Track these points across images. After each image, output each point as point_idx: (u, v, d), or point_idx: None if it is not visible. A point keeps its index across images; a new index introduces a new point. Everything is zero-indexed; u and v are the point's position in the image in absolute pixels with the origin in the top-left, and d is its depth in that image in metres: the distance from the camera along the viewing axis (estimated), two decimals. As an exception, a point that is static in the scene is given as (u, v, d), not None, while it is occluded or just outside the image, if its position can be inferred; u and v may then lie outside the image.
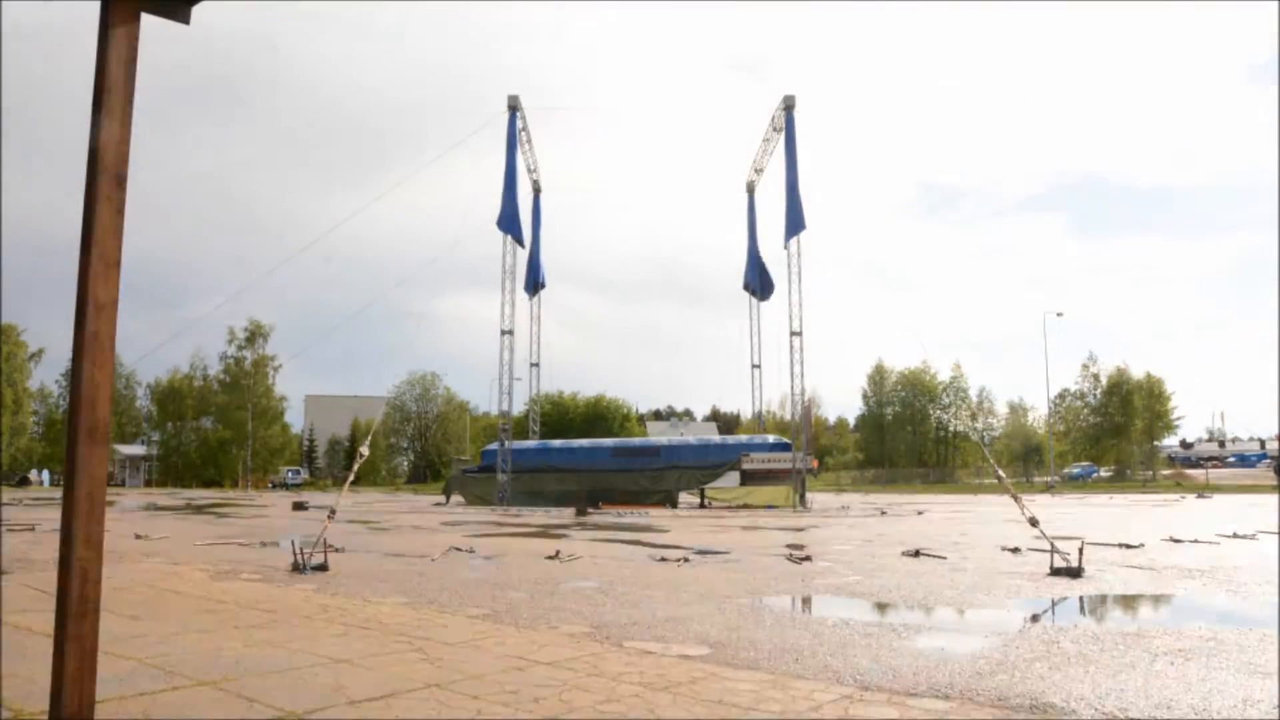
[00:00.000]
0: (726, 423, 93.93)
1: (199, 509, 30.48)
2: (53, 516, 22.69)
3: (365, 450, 13.79)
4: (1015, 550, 13.61)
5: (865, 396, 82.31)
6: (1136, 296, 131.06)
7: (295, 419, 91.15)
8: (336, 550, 13.00)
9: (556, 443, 39.09)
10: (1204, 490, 50.40)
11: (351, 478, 14.26)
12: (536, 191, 40.42)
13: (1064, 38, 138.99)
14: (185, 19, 3.62)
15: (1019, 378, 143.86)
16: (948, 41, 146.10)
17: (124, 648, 5.88)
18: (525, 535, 17.49)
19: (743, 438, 40.59)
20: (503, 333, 32.51)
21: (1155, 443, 72.88)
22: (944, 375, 78.93)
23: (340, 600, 8.30)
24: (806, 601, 8.75)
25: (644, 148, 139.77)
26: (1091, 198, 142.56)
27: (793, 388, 31.56)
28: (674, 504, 32.31)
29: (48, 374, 78.27)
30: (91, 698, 3.18)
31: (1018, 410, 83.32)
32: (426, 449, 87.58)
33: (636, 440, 43.11)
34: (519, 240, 33.53)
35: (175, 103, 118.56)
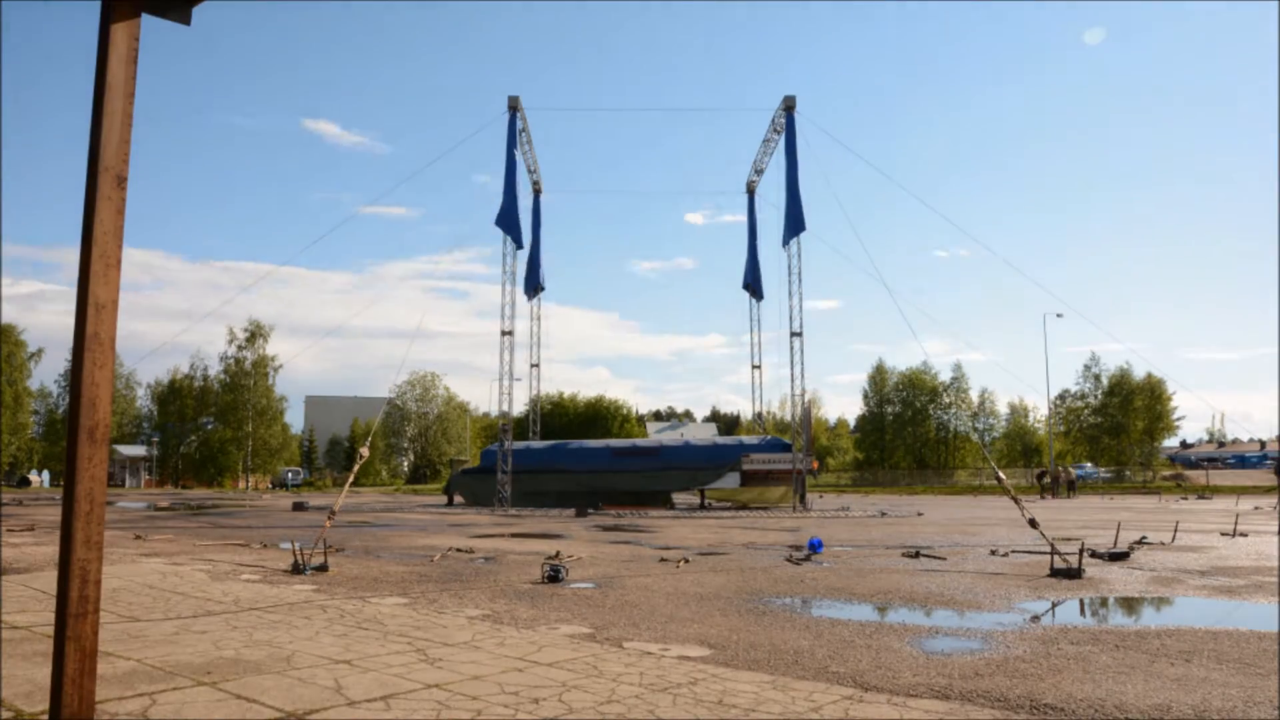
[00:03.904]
0: (726, 423, 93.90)
1: (199, 509, 30.46)
2: (53, 516, 22.69)
3: (365, 451, 13.78)
4: (1015, 551, 13.62)
5: (865, 396, 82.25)
6: (1137, 295, 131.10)
7: (295, 419, 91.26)
8: (336, 551, 13.00)
9: (557, 443, 39.06)
10: (1204, 491, 50.39)
11: (351, 478, 14.24)
12: (537, 192, 40.42)
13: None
14: (185, 19, 3.62)
15: (1019, 377, 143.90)
16: (947, 43, 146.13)
17: (124, 648, 5.88)
18: (525, 536, 17.49)
19: (743, 438, 40.55)
20: (503, 333, 32.49)
21: (1156, 444, 72.84)
22: (944, 375, 78.91)
23: (340, 601, 8.29)
24: (806, 602, 8.74)
25: (647, 146, 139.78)
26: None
27: (793, 388, 31.53)
28: (673, 504, 32.32)
29: (48, 374, 78.28)
30: (91, 698, 3.18)
31: (1018, 410, 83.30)
32: (426, 449, 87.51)
33: (637, 441, 43.03)
34: (517, 240, 33.48)
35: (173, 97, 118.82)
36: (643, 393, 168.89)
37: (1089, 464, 70.63)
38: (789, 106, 32.06)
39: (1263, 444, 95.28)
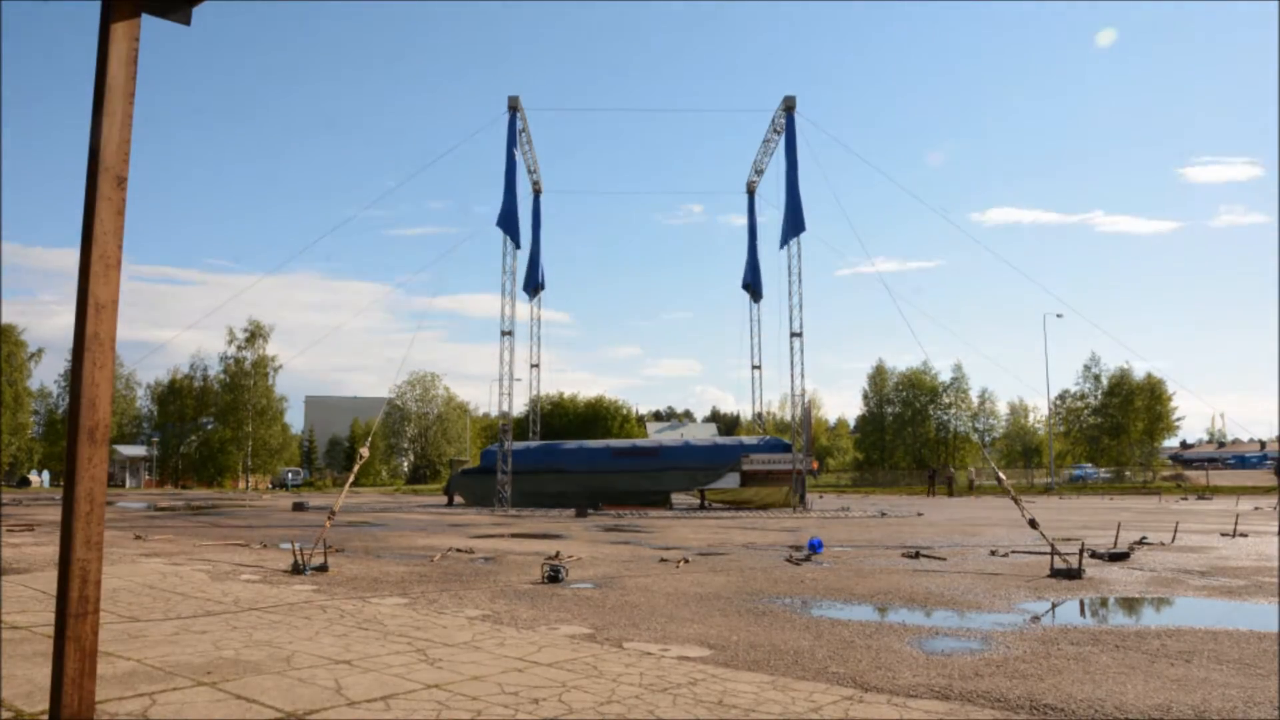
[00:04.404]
0: (726, 423, 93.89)
1: (199, 509, 30.46)
2: (53, 516, 22.68)
3: (365, 451, 13.79)
4: (1015, 551, 13.62)
5: (865, 397, 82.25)
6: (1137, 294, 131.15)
7: (295, 419, 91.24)
8: (336, 551, 13.00)
9: (557, 444, 39.06)
10: (1204, 492, 50.40)
11: (351, 479, 14.24)
12: (537, 192, 40.45)
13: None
14: (185, 19, 3.62)
15: (1019, 376, 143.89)
16: (945, 39, 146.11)
17: (124, 648, 5.88)
18: (525, 536, 17.49)
19: (743, 438, 40.55)
20: (503, 333, 32.49)
21: (1156, 444, 72.83)
22: (944, 375, 78.88)
23: (340, 601, 8.29)
24: (806, 603, 8.74)
25: (645, 147, 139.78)
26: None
27: (793, 388, 31.52)
28: (671, 505, 32.32)
29: (48, 374, 78.25)
30: (91, 698, 3.18)
31: (1018, 411, 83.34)
32: (426, 449, 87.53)
33: (636, 441, 43.02)
34: (517, 241, 33.53)
35: (175, 99, 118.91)
36: (639, 394, 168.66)
37: (1089, 464, 70.61)
38: (789, 107, 32.08)
39: (1263, 444, 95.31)
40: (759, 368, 39.60)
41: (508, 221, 32.65)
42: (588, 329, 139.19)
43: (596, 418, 73.97)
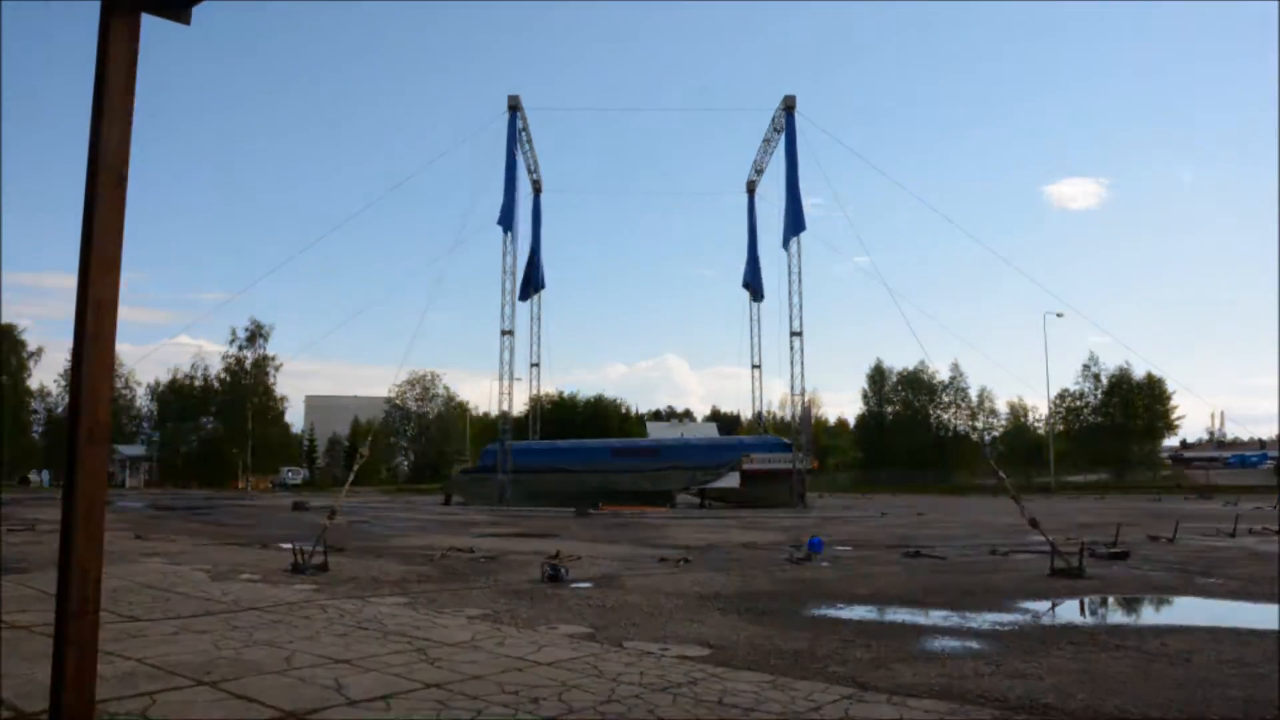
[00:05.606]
0: (726, 423, 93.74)
1: (199, 509, 30.46)
2: (53, 516, 22.69)
3: (365, 451, 13.84)
4: (1015, 551, 13.62)
5: (865, 396, 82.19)
6: (1137, 294, 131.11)
7: (295, 419, 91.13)
8: (337, 551, 13.00)
9: (557, 443, 39.11)
10: (1204, 491, 50.41)
11: (351, 478, 14.26)
12: (536, 191, 40.47)
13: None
14: (185, 19, 3.62)
15: (1019, 375, 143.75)
16: (948, 41, 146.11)
17: (124, 648, 5.88)
18: (525, 535, 17.49)
19: (743, 438, 40.62)
20: (503, 333, 32.52)
21: (1156, 443, 72.80)
22: (944, 375, 78.75)
23: (340, 601, 8.29)
24: (806, 602, 8.74)
25: (645, 147, 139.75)
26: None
27: (793, 388, 31.60)
28: (673, 504, 32.33)
29: (48, 374, 78.12)
30: (91, 698, 3.18)
31: (1018, 410, 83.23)
32: (427, 449, 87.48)
33: (637, 440, 43.06)
34: (517, 239, 33.62)
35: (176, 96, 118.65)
36: (639, 393, 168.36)
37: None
38: (789, 106, 32.12)
39: (1262, 444, 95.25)
40: (759, 367, 39.65)
41: (508, 220, 32.68)
42: (587, 327, 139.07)
43: (596, 417, 73.99)
